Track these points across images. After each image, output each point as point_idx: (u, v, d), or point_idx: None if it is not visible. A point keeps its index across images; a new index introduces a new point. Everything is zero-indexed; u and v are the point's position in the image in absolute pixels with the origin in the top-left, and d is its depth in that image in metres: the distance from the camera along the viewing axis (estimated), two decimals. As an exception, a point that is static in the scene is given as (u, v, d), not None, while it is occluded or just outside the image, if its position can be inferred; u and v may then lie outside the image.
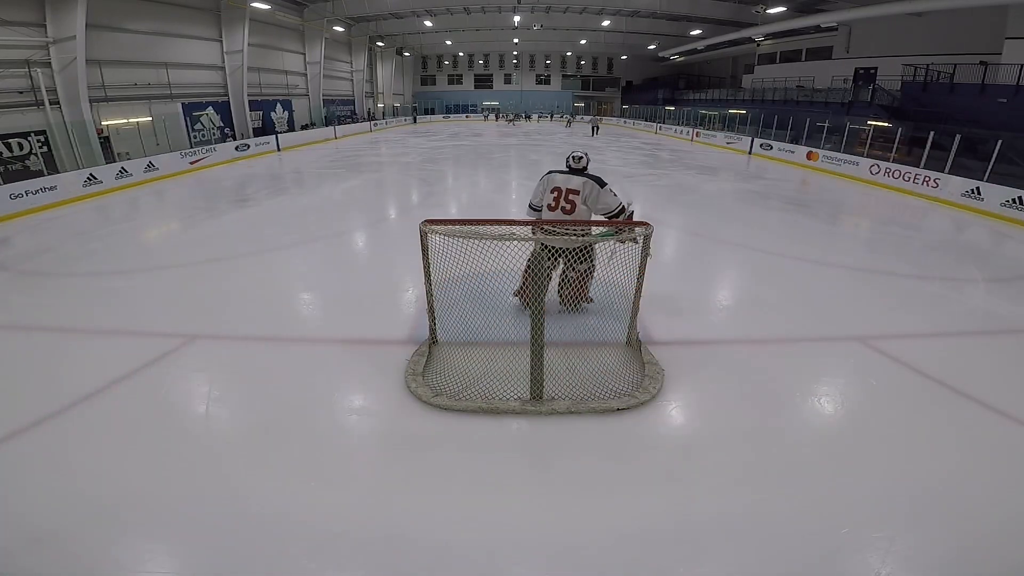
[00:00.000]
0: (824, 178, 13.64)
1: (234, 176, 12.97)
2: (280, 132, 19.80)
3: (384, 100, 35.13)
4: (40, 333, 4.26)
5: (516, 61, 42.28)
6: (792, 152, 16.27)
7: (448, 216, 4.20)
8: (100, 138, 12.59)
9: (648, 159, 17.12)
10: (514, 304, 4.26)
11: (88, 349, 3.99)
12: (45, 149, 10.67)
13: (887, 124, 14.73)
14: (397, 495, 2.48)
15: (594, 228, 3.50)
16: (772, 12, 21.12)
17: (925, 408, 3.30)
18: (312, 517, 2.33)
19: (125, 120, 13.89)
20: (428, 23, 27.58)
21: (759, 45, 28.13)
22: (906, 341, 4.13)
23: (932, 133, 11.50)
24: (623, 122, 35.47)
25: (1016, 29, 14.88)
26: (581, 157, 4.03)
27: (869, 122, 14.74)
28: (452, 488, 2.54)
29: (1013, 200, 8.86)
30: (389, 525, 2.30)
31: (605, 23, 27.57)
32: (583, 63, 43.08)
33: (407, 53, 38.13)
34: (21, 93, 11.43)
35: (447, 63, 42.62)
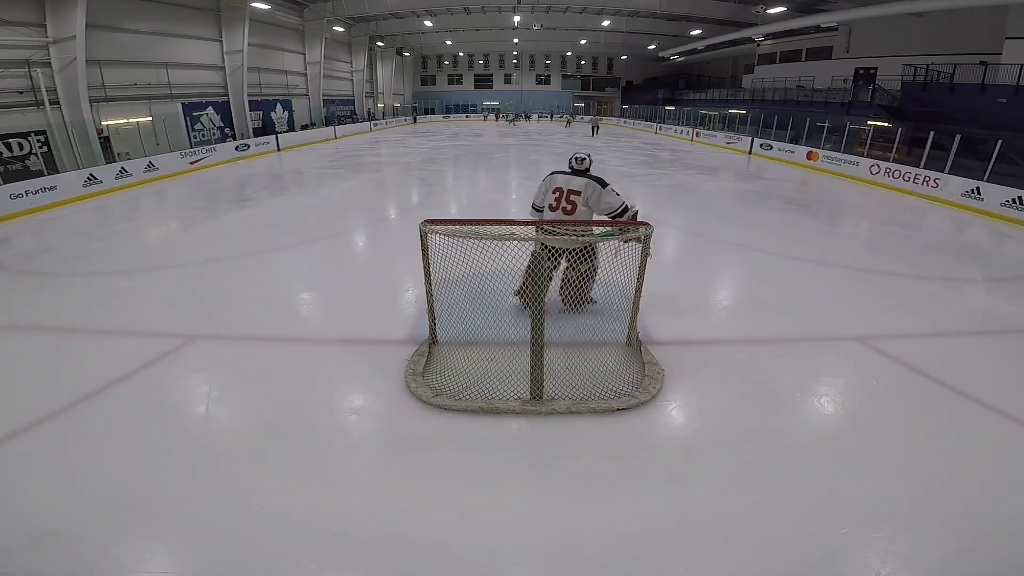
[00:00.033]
0: (824, 178, 13.64)
1: (234, 176, 12.97)
2: (280, 132, 19.81)
3: (384, 100, 35.13)
4: (40, 333, 4.26)
5: (516, 61, 42.28)
6: (792, 152, 16.27)
7: (448, 216, 4.20)
8: (100, 138, 12.60)
9: (648, 159, 17.11)
10: (514, 304, 4.26)
11: (88, 349, 3.99)
12: (45, 149, 10.67)
13: (887, 124, 14.73)
14: (397, 495, 2.48)
15: (595, 228, 3.50)
16: (772, 12, 21.13)
17: (925, 408, 3.30)
18: (312, 517, 2.33)
19: (125, 120, 13.90)
20: (428, 23, 27.59)
21: (759, 45, 28.14)
22: (906, 341, 4.13)
23: (932, 133, 11.50)
24: (623, 122, 35.46)
25: (1016, 29, 14.88)
26: (584, 158, 4.06)
27: (869, 122, 14.74)
28: (452, 488, 2.54)
29: (1013, 200, 8.86)
30: (389, 525, 2.30)
31: (605, 23, 27.58)
32: (583, 63, 43.08)
33: (407, 53, 38.14)
34: (21, 93, 11.44)
35: (447, 63, 42.63)
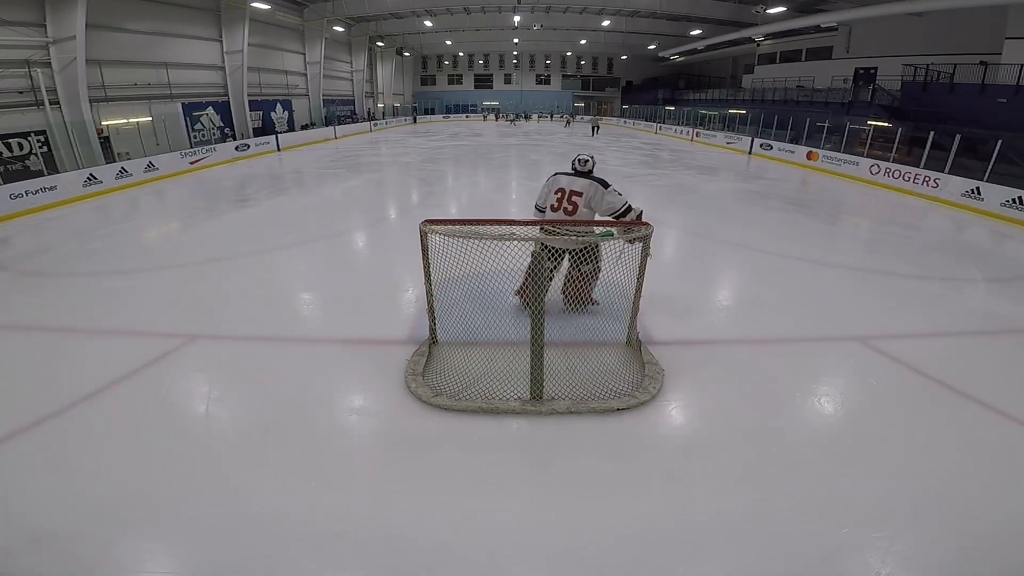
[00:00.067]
0: (824, 178, 13.64)
1: (234, 176, 12.96)
2: (280, 132, 19.80)
3: (384, 100, 35.13)
4: (40, 333, 4.26)
5: (516, 61, 42.28)
6: (792, 152, 16.26)
7: (448, 216, 4.20)
8: (100, 138, 12.60)
9: (648, 159, 17.11)
10: (514, 304, 4.26)
11: (88, 349, 3.99)
12: (45, 149, 10.67)
13: (887, 124, 14.72)
14: (397, 495, 2.48)
15: (595, 228, 3.51)
16: (772, 12, 21.13)
17: (925, 408, 3.30)
18: (312, 517, 2.33)
19: (125, 120, 13.90)
20: (428, 23, 27.59)
21: (759, 45, 28.14)
22: (906, 341, 4.13)
23: (932, 133, 11.50)
24: (623, 122, 35.46)
25: (1016, 29, 14.88)
26: (587, 160, 4.10)
27: (869, 122, 14.73)
28: (452, 488, 2.54)
29: (1013, 200, 8.86)
30: (389, 525, 2.30)
31: (605, 23, 27.58)
32: (583, 63, 43.08)
33: (407, 53, 38.14)
34: (21, 93, 11.44)
35: (447, 63, 42.62)
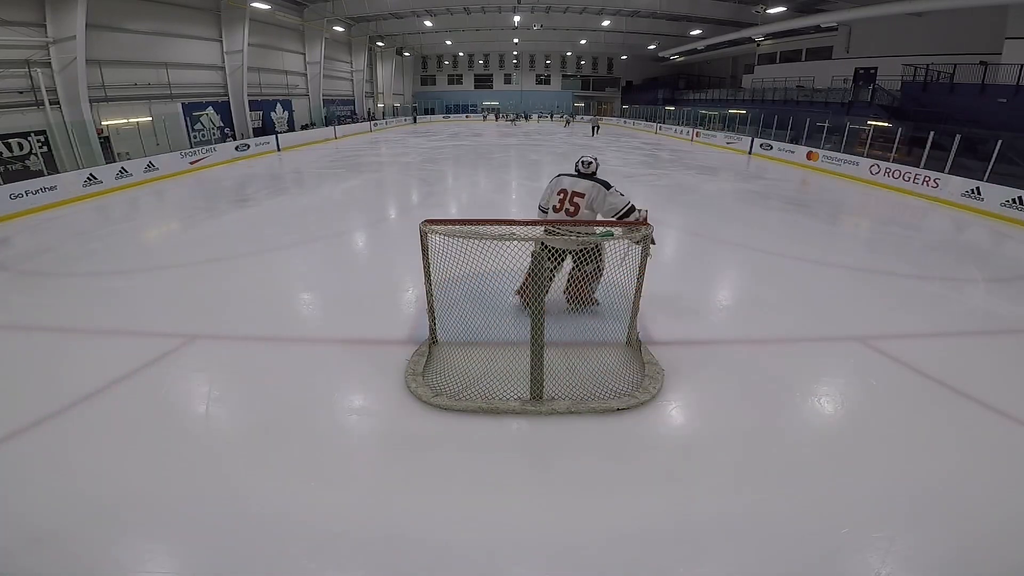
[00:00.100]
0: (824, 178, 13.64)
1: (234, 176, 12.96)
2: (280, 132, 19.80)
3: (384, 100, 35.13)
4: (40, 333, 4.26)
5: (516, 61, 42.27)
6: (792, 152, 16.26)
7: (448, 216, 4.20)
8: (100, 138, 12.60)
9: (648, 159, 17.11)
10: (514, 304, 4.26)
11: (88, 349, 3.99)
12: (45, 149, 10.67)
13: (887, 124, 14.72)
14: (397, 495, 2.48)
15: (596, 228, 3.51)
16: (772, 12, 21.13)
17: (925, 408, 3.30)
18: (312, 517, 2.33)
19: (125, 120, 13.90)
20: (428, 23, 27.59)
21: (759, 45, 28.13)
22: (906, 341, 4.13)
23: (932, 133, 11.49)
24: (623, 122, 35.46)
25: (1016, 29, 14.88)
26: (591, 162, 4.13)
27: (869, 122, 14.73)
28: (452, 488, 2.54)
29: (1013, 200, 8.86)
30: (389, 525, 2.30)
31: (605, 23, 27.57)
32: (583, 63, 43.07)
33: (407, 53, 38.13)
34: (21, 93, 11.43)
35: (447, 63, 42.61)
